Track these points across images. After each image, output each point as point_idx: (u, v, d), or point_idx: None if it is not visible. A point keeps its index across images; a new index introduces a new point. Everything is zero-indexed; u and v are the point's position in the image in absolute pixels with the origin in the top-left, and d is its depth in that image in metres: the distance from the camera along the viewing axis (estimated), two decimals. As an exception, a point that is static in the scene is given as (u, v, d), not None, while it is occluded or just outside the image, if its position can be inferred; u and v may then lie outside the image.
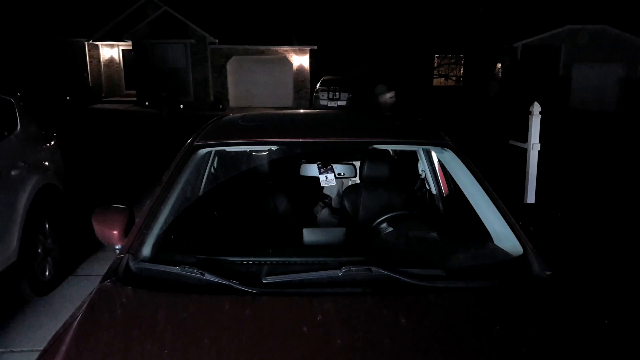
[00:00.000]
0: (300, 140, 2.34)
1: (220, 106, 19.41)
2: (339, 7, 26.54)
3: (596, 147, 10.87)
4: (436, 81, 30.55)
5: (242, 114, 3.04)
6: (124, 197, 5.67)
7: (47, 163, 3.99)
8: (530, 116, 5.06)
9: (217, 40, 19.61)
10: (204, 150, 2.32)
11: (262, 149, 2.92)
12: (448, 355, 1.28)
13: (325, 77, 18.93)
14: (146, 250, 1.74)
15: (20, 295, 3.46)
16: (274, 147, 2.86)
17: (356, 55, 27.32)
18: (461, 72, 29.99)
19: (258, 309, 1.44)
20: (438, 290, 1.53)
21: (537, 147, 4.97)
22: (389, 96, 5.77)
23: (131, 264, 1.66)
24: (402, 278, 1.55)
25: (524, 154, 5.06)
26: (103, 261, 4.16)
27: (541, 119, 4.96)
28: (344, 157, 3.51)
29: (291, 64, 20.27)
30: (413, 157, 3.44)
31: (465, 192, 2.16)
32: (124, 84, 22.47)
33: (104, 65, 22.23)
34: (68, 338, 1.36)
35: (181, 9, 19.53)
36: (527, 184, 4.97)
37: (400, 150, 3.59)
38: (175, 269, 1.59)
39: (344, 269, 1.56)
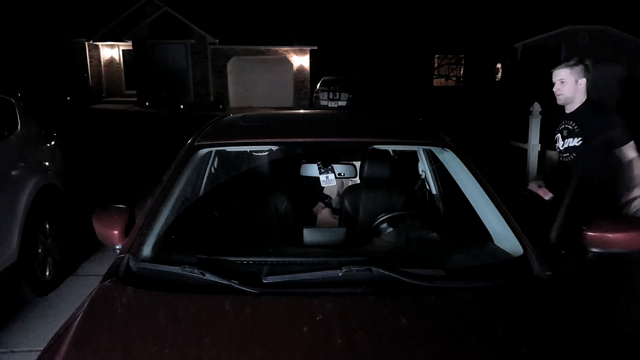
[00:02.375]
0: (301, 140, 2.34)
1: (220, 106, 19.41)
2: (339, 7, 26.54)
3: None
4: (436, 81, 30.54)
5: (242, 114, 3.04)
6: (124, 197, 5.66)
7: (47, 163, 3.99)
8: (530, 116, 5.06)
9: (217, 41, 19.60)
10: (204, 151, 2.32)
11: (262, 149, 2.92)
12: (448, 356, 1.28)
13: (325, 77, 18.93)
14: (146, 250, 1.74)
15: (20, 296, 3.46)
16: (274, 147, 2.87)
17: (356, 55, 27.31)
18: (461, 72, 29.99)
19: (258, 309, 1.44)
20: (438, 290, 1.53)
21: (537, 147, 4.96)
22: (570, 75, 2.81)
23: (131, 264, 1.66)
24: (402, 278, 1.54)
25: (524, 154, 5.07)
26: (103, 261, 4.16)
27: (541, 119, 4.96)
28: (344, 157, 3.52)
29: (291, 64, 20.27)
30: (413, 157, 3.44)
31: (465, 192, 2.16)
32: (124, 84, 22.43)
33: (104, 65, 22.20)
34: (68, 338, 1.36)
35: (181, 9, 19.52)
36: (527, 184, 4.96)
37: (400, 150, 3.59)
38: (176, 269, 1.59)
39: (344, 269, 1.56)
